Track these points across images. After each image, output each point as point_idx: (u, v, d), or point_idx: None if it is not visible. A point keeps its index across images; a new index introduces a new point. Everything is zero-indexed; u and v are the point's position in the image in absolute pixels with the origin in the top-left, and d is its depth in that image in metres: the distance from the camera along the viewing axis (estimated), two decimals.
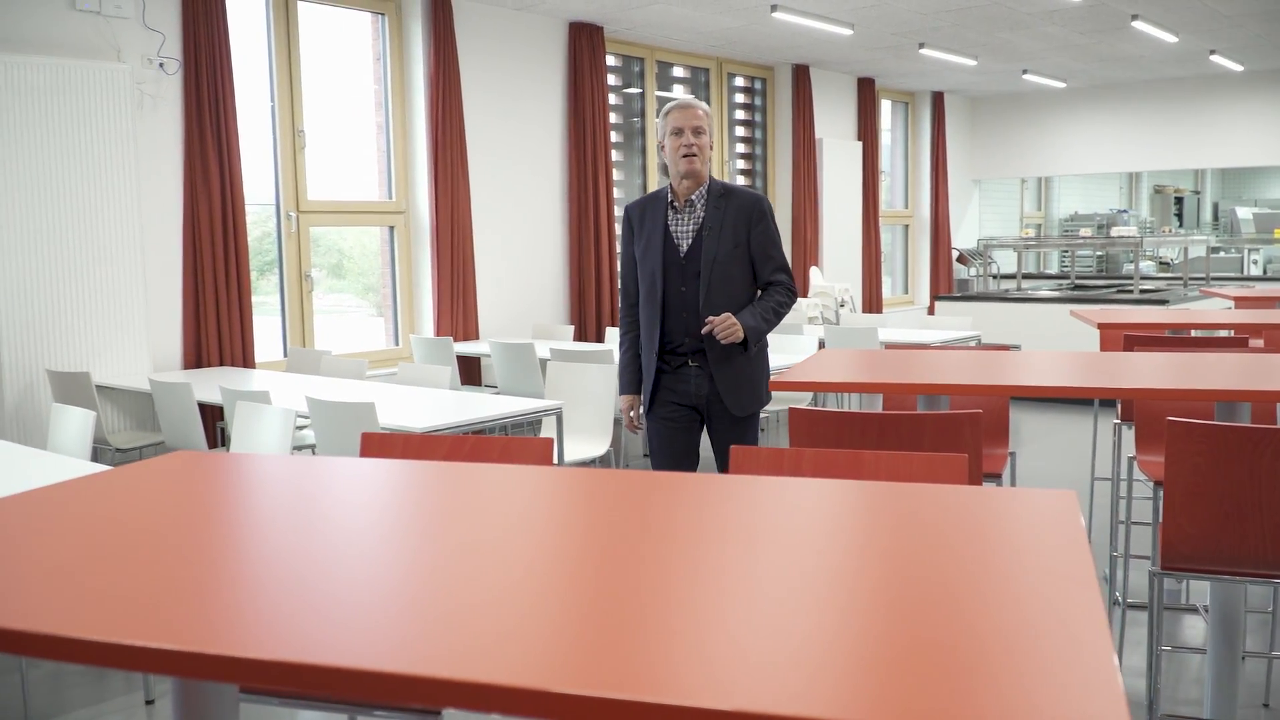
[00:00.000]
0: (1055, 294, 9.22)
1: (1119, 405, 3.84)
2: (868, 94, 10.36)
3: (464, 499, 1.76)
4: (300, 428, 4.49)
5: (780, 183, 9.62)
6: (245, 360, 5.58)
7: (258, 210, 5.96)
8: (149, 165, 5.29)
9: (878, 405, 4.28)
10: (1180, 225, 14.50)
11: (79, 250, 4.95)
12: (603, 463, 4.35)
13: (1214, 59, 9.65)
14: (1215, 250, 12.05)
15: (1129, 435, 3.76)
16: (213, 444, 5.10)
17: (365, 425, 3.43)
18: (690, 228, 3.27)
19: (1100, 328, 4.74)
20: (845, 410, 2.60)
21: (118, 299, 5.09)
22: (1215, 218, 14.90)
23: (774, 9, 7.18)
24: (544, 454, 2.21)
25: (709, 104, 8.91)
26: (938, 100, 11.38)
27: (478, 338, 6.76)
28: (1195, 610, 3.73)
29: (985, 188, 12.73)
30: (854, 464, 2.06)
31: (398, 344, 6.72)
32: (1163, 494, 2.27)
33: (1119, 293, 9.03)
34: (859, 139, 10.34)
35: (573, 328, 6.87)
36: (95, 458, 3.64)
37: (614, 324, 7.51)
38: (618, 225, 7.23)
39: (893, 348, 3.70)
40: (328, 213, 6.26)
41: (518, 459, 2.22)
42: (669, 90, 8.63)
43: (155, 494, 1.80)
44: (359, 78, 6.59)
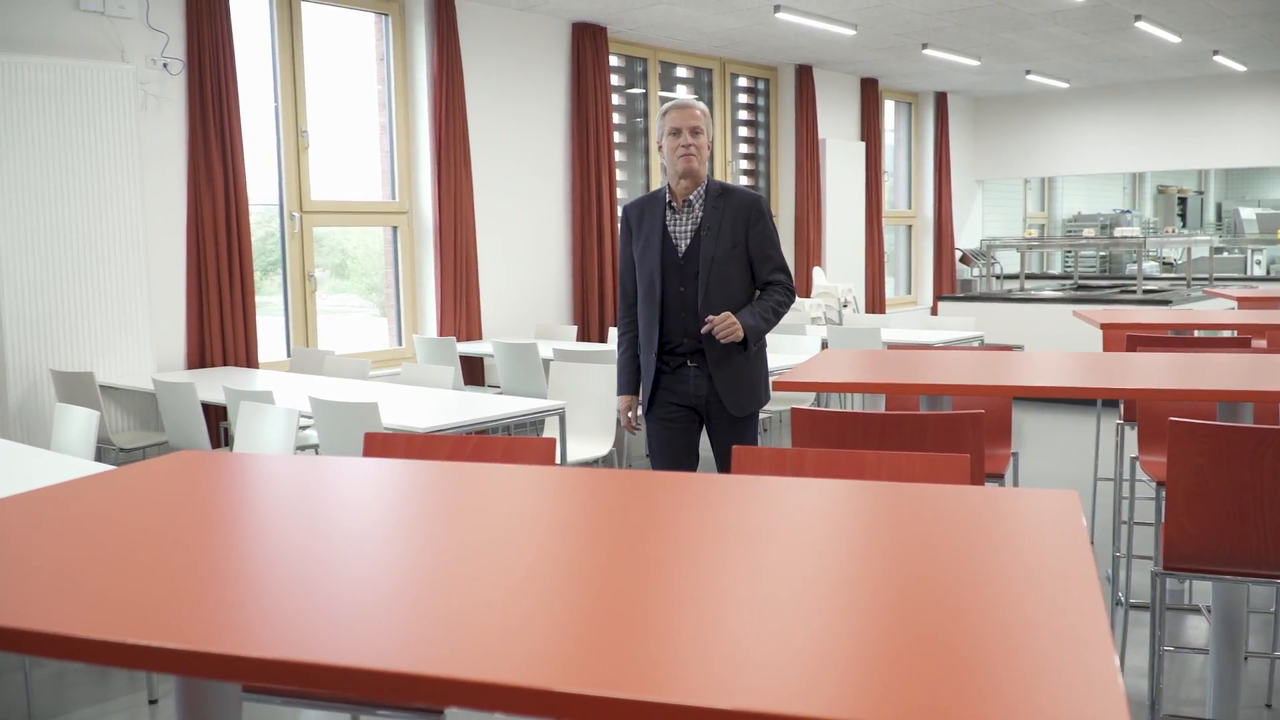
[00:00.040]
0: (1058, 294, 9.21)
1: (1122, 405, 3.84)
2: (871, 94, 10.36)
3: (466, 499, 1.76)
4: (303, 428, 4.50)
5: (783, 183, 9.61)
6: (249, 360, 5.59)
7: (261, 210, 5.97)
8: (153, 165, 5.30)
9: (880, 405, 4.28)
10: (1183, 226, 14.48)
11: (83, 250, 4.96)
12: (605, 463, 4.35)
13: (1217, 59, 9.64)
14: (1218, 251, 12.04)
15: (1131, 435, 3.76)
16: (216, 444, 5.11)
17: (368, 425, 3.44)
18: (688, 228, 3.26)
19: (1103, 328, 4.75)
20: (848, 410, 2.60)
21: (122, 299, 5.10)
22: (1219, 218, 14.88)
23: (777, 9, 7.18)
24: (547, 454, 2.22)
25: (712, 105, 8.95)
26: (941, 100, 11.37)
27: (481, 338, 6.76)
28: (1198, 610, 3.73)
29: (988, 188, 12.72)
30: (856, 464, 2.06)
31: (401, 344, 6.73)
32: (1165, 494, 2.27)
33: (1122, 293, 9.02)
34: (862, 139, 10.34)
35: (575, 328, 6.88)
36: (99, 457, 3.65)
37: (616, 324, 7.51)
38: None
39: (895, 348, 3.70)
40: (331, 213, 6.27)
41: (520, 459, 2.22)
42: (672, 91, 8.63)
43: (158, 494, 1.80)
44: (362, 78, 6.60)
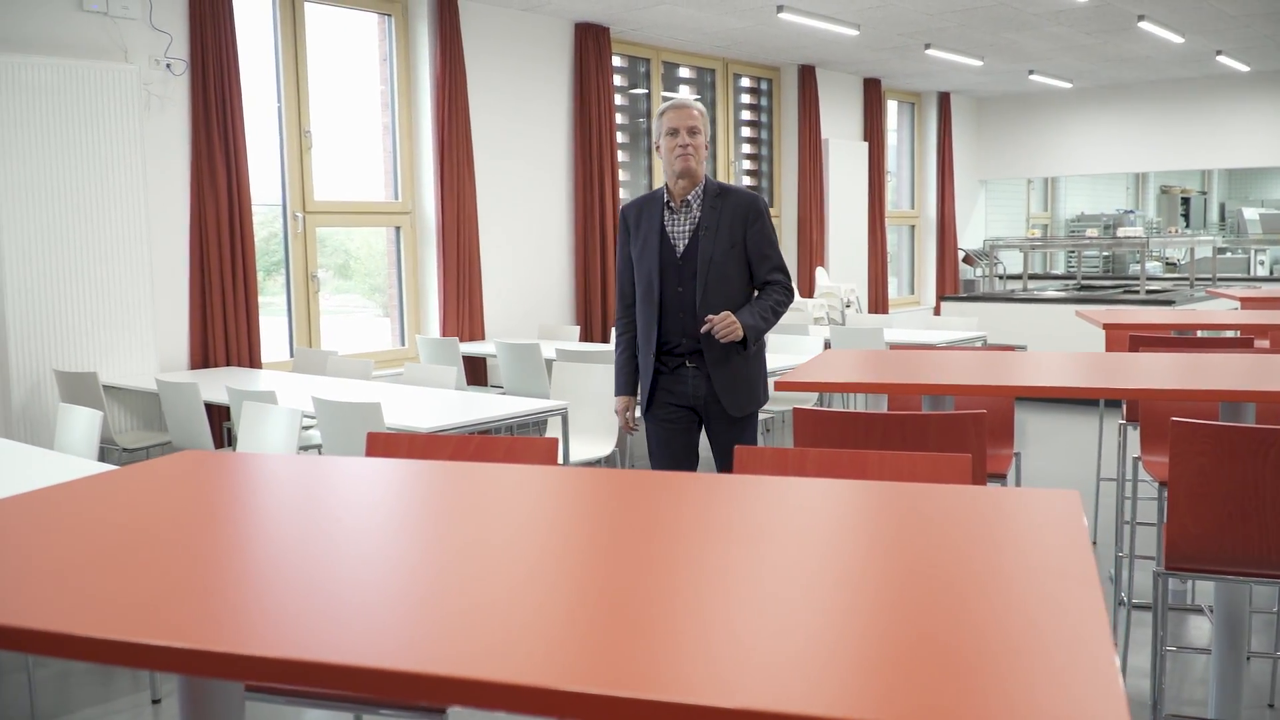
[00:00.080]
0: (1061, 294, 9.20)
1: (1124, 406, 3.84)
2: (874, 94, 10.35)
3: (469, 499, 1.76)
4: (306, 428, 4.50)
5: (786, 183, 9.61)
6: (251, 360, 5.59)
7: (264, 211, 5.97)
8: (156, 166, 5.31)
9: (883, 405, 4.28)
10: (1187, 226, 14.46)
11: (86, 250, 4.97)
12: (608, 463, 4.35)
13: (1220, 59, 9.62)
14: (1222, 251, 12.02)
15: (1134, 435, 3.75)
16: (219, 444, 5.12)
17: (371, 425, 3.44)
18: (687, 228, 3.26)
19: (1106, 328, 4.74)
20: (850, 410, 2.60)
21: (125, 299, 5.11)
22: (1222, 218, 14.86)
23: (780, 10, 7.18)
24: (549, 454, 2.22)
25: (715, 105, 8.95)
26: (944, 101, 11.36)
27: (483, 338, 6.76)
28: (1200, 610, 3.73)
29: (991, 188, 12.71)
30: (858, 464, 2.06)
31: (404, 344, 6.73)
32: (1167, 494, 2.27)
33: (1125, 293, 9.01)
34: (865, 139, 10.33)
35: (578, 328, 6.87)
36: (102, 457, 3.65)
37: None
38: None
39: (898, 348, 3.70)
40: (334, 213, 6.27)
41: (523, 459, 2.23)
42: (675, 91, 8.63)
43: (162, 493, 1.81)
44: (365, 78, 6.60)
